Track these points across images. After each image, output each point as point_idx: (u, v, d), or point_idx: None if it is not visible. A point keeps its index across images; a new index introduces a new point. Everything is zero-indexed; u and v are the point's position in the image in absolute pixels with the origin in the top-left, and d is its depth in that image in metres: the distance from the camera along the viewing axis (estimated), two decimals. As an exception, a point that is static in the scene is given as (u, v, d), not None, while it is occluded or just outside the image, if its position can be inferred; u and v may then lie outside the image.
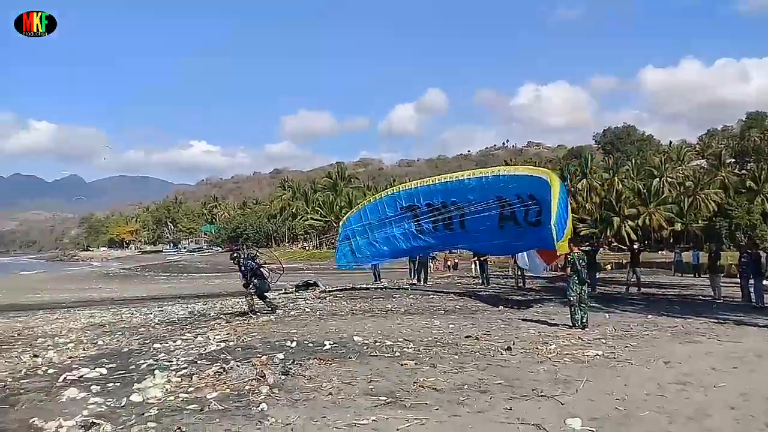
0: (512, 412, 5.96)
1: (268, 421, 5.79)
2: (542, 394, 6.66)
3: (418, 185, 19.05)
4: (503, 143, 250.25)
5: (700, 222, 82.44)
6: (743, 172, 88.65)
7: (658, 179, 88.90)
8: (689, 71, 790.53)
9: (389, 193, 20.95)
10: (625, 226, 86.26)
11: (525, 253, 18.38)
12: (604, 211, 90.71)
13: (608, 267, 46.19)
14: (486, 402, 6.39)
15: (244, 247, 18.24)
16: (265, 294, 14.75)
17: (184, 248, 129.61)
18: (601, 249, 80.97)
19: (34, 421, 6.02)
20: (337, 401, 6.50)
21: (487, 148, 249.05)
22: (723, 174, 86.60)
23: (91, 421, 5.92)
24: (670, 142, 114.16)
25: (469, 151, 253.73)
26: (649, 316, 13.58)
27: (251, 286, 14.30)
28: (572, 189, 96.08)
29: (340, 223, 22.92)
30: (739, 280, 17.26)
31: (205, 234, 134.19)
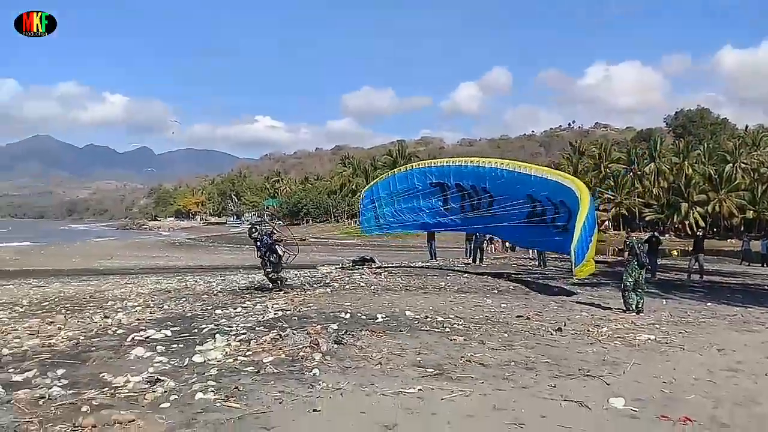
0: (556, 389, 6.07)
1: (320, 385, 6.08)
2: (588, 374, 6.72)
3: (450, 164, 19.01)
4: (569, 124, 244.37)
5: (774, 210, 78.98)
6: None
7: (730, 165, 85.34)
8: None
9: (420, 166, 20.93)
10: (693, 213, 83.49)
11: None
12: (672, 196, 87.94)
13: (674, 253, 44.96)
14: (531, 379, 6.51)
15: (264, 221, 18.24)
16: (279, 271, 14.47)
17: (247, 221, 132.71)
18: (666, 235, 78.77)
19: (103, 376, 6.48)
20: (385, 370, 6.74)
21: (552, 128, 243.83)
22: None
23: (156, 377, 6.35)
24: (746, 127, 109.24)
25: (533, 131, 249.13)
26: (708, 304, 13.31)
27: (267, 262, 14.17)
28: (639, 173, 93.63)
29: (365, 189, 22.96)
30: None
31: (268, 208, 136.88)
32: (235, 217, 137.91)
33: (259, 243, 14.19)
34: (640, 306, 11.78)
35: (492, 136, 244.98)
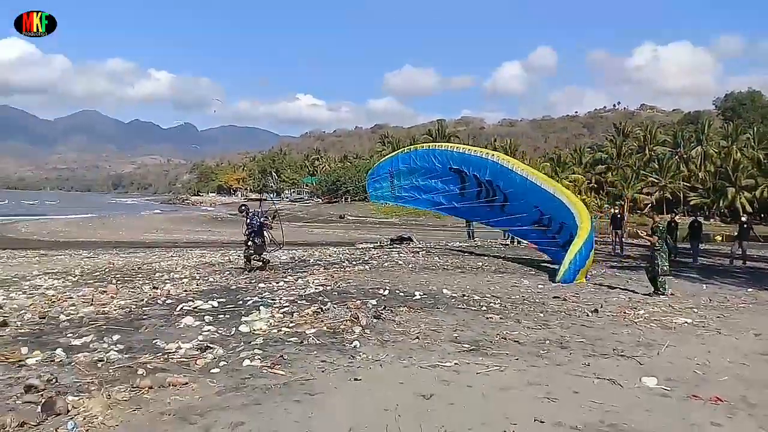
0: (589, 368, 6.22)
1: (360, 356, 6.35)
2: (622, 354, 6.85)
3: (471, 153, 19.09)
4: (614, 105, 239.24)
5: (826, 196, 76.48)
6: None
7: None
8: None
9: (442, 148, 21.12)
10: (740, 198, 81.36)
11: None
12: (719, 180, 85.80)
13: (718, 238, 44.11)
14: (566, 357, 6.67)
15: (265, 201, 17.91)
16: (260, 253, 14.27)
17: (287, 197, 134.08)
18: (711, 220, 77.09)
19: (156, 342, 6.88)
20: (423, 345, 6.98)
21: (596, 109, 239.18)
22: None
23: (206, 344, 6.71)
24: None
25: (576, 112, 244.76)
26: (749, 290, 13.16)
27: (251, 243, 14.06)
28: (685, 156, 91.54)
29: (382, 160, 23.09)
30: None
31: (307, 185, 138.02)
32: (275, 193, 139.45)
33: (249, 223, 14.04)
34: (665, 287, 11.81)
35: (534, 117, 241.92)
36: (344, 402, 4.98)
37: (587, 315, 9.35)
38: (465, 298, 10.51)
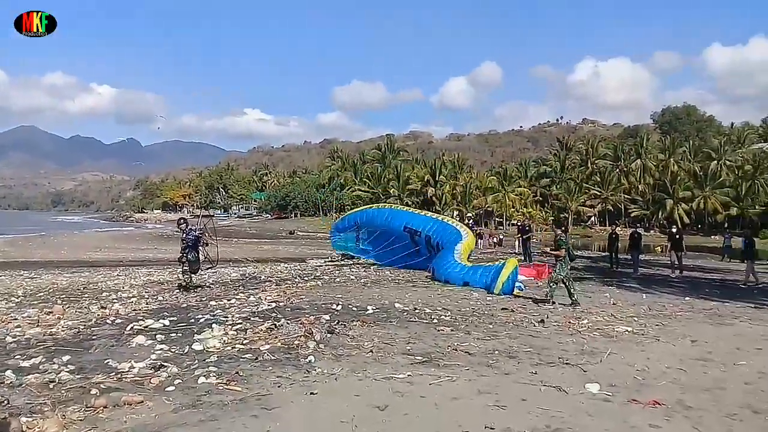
0: (536, 376, 6.48)
1: (315, 371, 6.45)
2: (567, 362, 7.15)
3: (421, 213, 20.99)
4: (557, 120, 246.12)
5: (757, 207, 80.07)
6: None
7: (715, 162, 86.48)
8: (759, 51, 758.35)
9: (399, 208, 24.69)
10: (678, 209, 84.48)
11: None
12: (657, 192, 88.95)
13: (658, 249, 45.75)
14: (513, 366, 6.92)
15: (203, 216, 17.57)
16: (194, 271, 13.99)
17: (235, 214, 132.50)
18: (651, 231, 79.61)
19: (108, 362, 6.81)
20: (377, 358, 7.13)
21: (540, 124, 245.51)
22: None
23: (159, 363, 6.70)
24: (732, 124, 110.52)
25: (521, 126, 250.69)
26: (687, 298, 13.80)
27: (185, 259, 13.67)
28: (625, 169, 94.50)
29: (350, 212, 24.25)
30: None
31: (255, 201, 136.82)
32: (222, 210, 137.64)
33: (186, 238, 13.72)
34: (575, 298, 12.25)
35: (481, 131, 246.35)
36: (301, 415, 5.08)
37: (534, 325, 9.68)
38: (417, 311, 10.72)
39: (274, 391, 5.72)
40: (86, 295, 13.18)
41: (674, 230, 22.54)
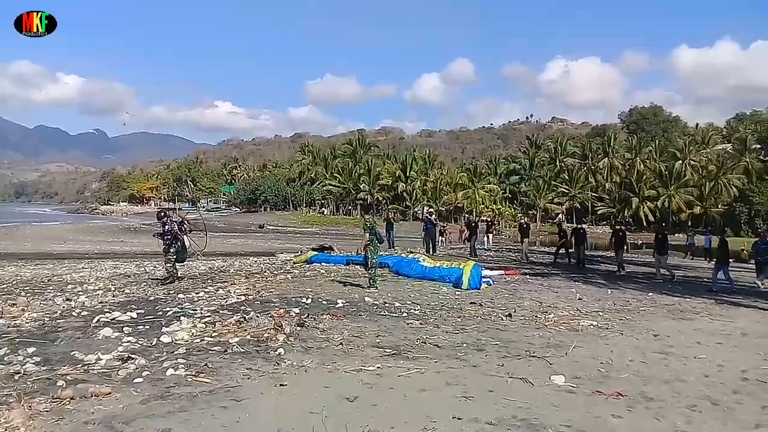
0: (503, 368, 6.60)
1: (285, 363, 6.47)
2: (533, 355, 7.28)
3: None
4: (527, 118, 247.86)
5: (720, 207, 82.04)
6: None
7: (680, 161, 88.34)
8: (725, 53, 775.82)
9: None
10: (643, 207, 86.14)
11: None
12: (624, 191, 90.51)
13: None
14: (481, 359, 7.03)
15: (178, 209, 17.66)
16: (181, 261, 14.05)
17: (203, 207, 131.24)
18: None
19: (74, 354, 6.72)
20: (346, 350, 7.17)
21: (510, 122, 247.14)
22: (747, 159, 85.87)
23: (127, 355, 6.64)
24: (697, 125, 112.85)
25: (491, 124, 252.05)
26: (650, 294, 14.12)
27: (172, 251, 13.58)
28: (593, 167, 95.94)
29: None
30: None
31: (224, 194, 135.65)
32: (190, 203, 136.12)
33: (167, 230, 13.58)
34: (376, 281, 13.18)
35: (452, 128, 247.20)
36: (271, 406, 5.10)
37: (502, 319, 9.81)
38: (386, 305, 10.78)
39: (244, 383, 5.72)
40: (51, 288, 12.96)
41: (618, 228, 22.94)
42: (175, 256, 13.66)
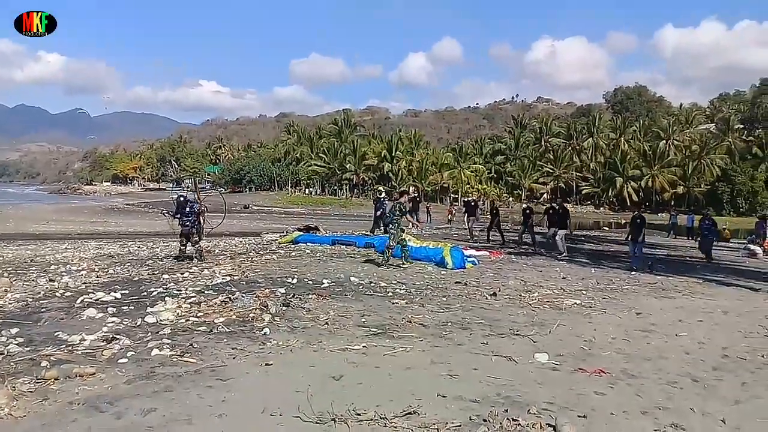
0: (488, 346, 6.65)
1: (270, 343, 6.48)
2: (517, 333, 7.35)
3: None
4: (512, 98, 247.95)
5: (702, 186, 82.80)
6: (750, 138, 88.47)
7: (664, 141, 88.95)
8: (709, 33, 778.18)
9: None
10: (627, 187, 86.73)
11: None
12: (608, 170, 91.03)
13: (606, 228, 47.00)
14: (466, 337, 7.08)
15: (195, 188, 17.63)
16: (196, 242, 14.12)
17: (188, 188, 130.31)
18: (601, 209, 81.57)
19: (58, 335, 6.70)
20: (332, 330, 7.19)
21: (496, 102, 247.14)
22: (730, 139, 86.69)
23: (111, 335, 6.62)
24: (681, 105, 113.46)
25: (477, 104, 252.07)
26: (633, 273, 14.27)
27: (194, 231, 13.89)
28: (578, 147, 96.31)
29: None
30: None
31: (209, 174, 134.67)
32: (175, 183, 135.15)
33: (190, 211, 13.79)
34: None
35: (438, 108, 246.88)
36: (257, 385, 5.11)
37: (486, 298, 9.88)
38: (372, 284, 10.81)
39: (229, 363, 5.73)
40: (34, 268, 12.87)
41: (524, 205, 23.03)
42: (197, 237, 13.93)
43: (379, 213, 22.65)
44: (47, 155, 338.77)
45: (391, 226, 14.02)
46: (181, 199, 14.14)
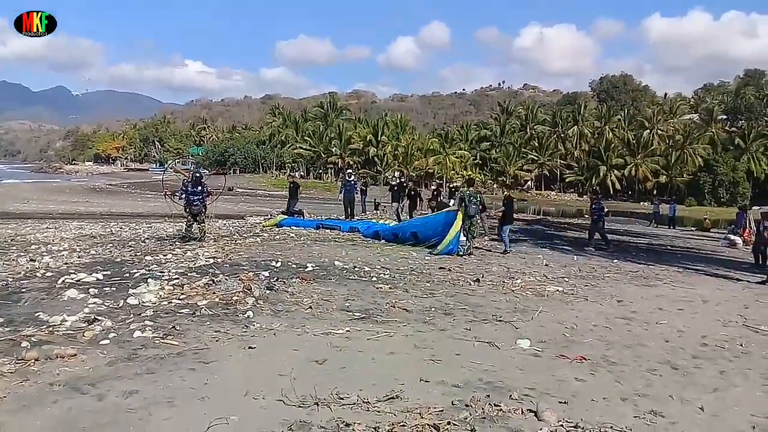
0: (470, 332, 6.70)
1: (254, 326, 6.47)
2: (500, 319, 7.40)
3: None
4: (499, 84, 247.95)
5: (685, 176, 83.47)
6: (733, 129, 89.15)
7: (648, 131, 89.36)
8: (696, 22, 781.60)
9: None
10: (611, 176, 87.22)
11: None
12: (592, 159, 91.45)
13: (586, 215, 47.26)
14: (449, 323, 7.12)
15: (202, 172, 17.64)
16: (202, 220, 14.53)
17: (171, 169, 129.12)
18: (584, 197, 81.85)
19: (39, 315, 6.63)
20: (315, 314, 7.19)
21: (482, 88, 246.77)
22: (713, 130, 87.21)
23: (93, 317, 6.57)
24: (665, 95, 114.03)
25: (464, 89, 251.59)
26: (615, 261, 14.40)
27: (203, 210, 14.29)
28: (563, 135, 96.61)
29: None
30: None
31: (193, 156, 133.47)
32: (158, 164, 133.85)
33: (202, 191, 14.19)
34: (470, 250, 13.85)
35: (424, 93, 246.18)
36: (239, 368, 5.11)
37: (470, 284, 9.94)
38: (356, 269, 10.82)
39: (212, 346, 5.71)
40: (14, 248, 12.71)
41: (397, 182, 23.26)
42: (203, 218, 14.27)
43: (344, 196, 22.11)
44: (28, 133, 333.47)
45: (476, 217, 14.48)
46: (197, 175, 14.42)
